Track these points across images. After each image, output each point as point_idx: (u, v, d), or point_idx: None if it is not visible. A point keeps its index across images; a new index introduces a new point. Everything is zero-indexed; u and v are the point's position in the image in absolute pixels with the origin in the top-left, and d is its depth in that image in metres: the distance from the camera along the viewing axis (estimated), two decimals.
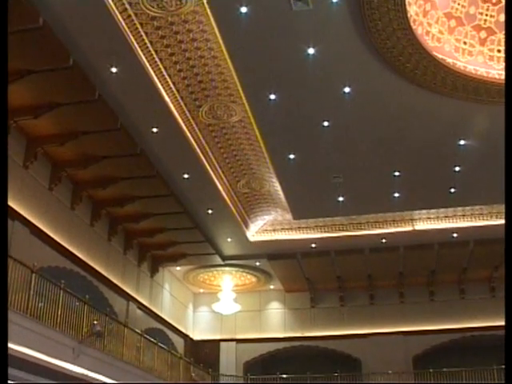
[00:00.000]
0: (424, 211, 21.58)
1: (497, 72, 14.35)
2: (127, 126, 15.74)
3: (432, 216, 21.79)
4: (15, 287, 12.30)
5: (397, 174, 18.44)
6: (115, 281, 20.55)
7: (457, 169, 18.12)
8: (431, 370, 23.39)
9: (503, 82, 14.01)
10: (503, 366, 22.04)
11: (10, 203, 14.62)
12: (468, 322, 25.01)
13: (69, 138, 15.77)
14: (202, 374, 23.13)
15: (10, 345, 11.46)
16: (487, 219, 21.58)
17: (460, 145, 16.76)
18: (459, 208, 21.32)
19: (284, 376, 24.50)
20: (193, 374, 21.58)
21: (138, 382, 17.13)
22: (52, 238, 16.67)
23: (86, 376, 14.39)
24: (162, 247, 22.81)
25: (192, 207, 20.40)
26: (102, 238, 20.07)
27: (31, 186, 15.86)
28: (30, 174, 15.87)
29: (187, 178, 18.53)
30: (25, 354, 12.05)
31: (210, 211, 20.72)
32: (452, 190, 19.37)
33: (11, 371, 11.68)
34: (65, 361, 13.59)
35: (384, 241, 22.68)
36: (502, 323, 24.30)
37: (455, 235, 22.27)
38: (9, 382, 12.02)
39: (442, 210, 21.43)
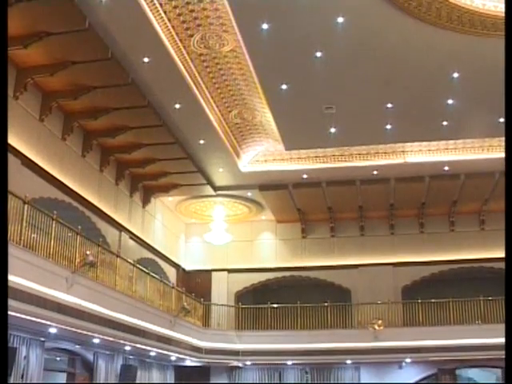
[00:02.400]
0: (416, 144, 21.57)
1: (493, 4, 14.15)
2: (118, 56, 15.51)
3: (424, 149, 21.79)
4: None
5: (389, 105, 18.35)
6: (107, 211, 20.60)
7: (449, 102, 18.02)
8: (419, 301, 23.79)
9: (499, 14, 13.87)
10: (490, 298, 22.63)
11: None
12: (457, 254, 25.32)
13: (59, 68, 15.54)
14: (194, 304, 23.42)
15: None
16: (479, 153, 21.62)
17: (453, 78, 16.63)
18: (451, 141, 21.31)
19: (275, 305, 24.84)
20: (185, 304, 21.82)
21: (130, 311, 17.38)
22: (43, 169, 16.60)
23: (80, 305, 14.57)
24: (153, 177, 22.79)
25: (184, 137, 20.32)
26: (94, 168, 20.02)
27: (22, 116, 15.72)
28: (21, 105, 15.70)
29: (179, 109, 18.37)
30: (18, 284, 12.16)
31: (201, 141, 20.65)
32: (444, 123, 19.32)
33: None
34: (58, 290, 13.73)
35: (375, 172, 22.72)
36: (490, 256, 24.87)
37: (446, 168, 22.34)
38: None
39: (434, 142, 21.42)
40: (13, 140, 15.14)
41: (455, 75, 16.54)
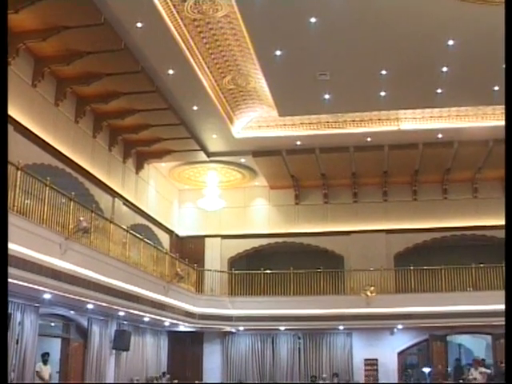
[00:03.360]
0: (410, 111, 21.50)
1: None
2: (111, 21, 15.35)
3: (417, 116, 21.75)
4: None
5: (384, 72, 18.26)
6: (101, 177, 20.54)
7: (444, 69, 17.93)
8: (412, 268, 23.90)
9: None
10: (481, 265, 22.79)
11: None
12: (449, 221, 25.41)
13: (51, 34, 15.37)
14: (187, 269, 23.52)
15: None
16: (472, 120, 21.59)
17: (448, 45, 16.53)
18: (445, 109, 21.25)
19: (268, 271, 24.95)
20: (178, 269, 21.91)
21: (124, 277, 17.45)
22: (36, 135, 16.50)
23: (73, 271, 14.61)
24: (147, 144, 22.72)
25: (177, 103, 20.22)
26: (87, 134, 19.92)
27: (14, 82, 15.55)
28: (13, 71, 15.53)
29: (172, 74, 18.26)
30: (12, 250, 12.17)
31: (195, 107, 20.56)
32: (438, 91, 19.24)
33: None
34: (52, 256, 13.75)
35: (369, 139, 22.69)
36: (483, 223, 25.01)
37: (440, 136, 22.33)
38: None
39: (428, 110, 21.37)
40: None
41: (450, 42, 16.44)
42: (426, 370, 24.62)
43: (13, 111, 15.27)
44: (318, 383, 21.60)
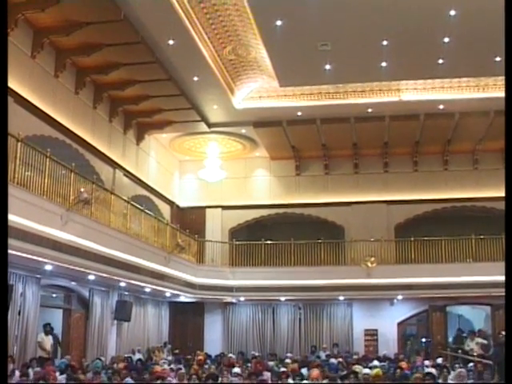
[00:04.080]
0: (411, 82, 21.38)
1: None
2: None
3: (419, 87, 21.64)
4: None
5: (385, 43, 18.11)
6: (101, 149, 20.51)
7: (446, 40, 17.79)
8: (412, 239, 23.92)
9: None
10: (481, 236, 22.83)
11: None
12: (450, 193, 25.41)
13: (50, 4, 15.25)
14: (188, 240, 23.57)
15: None
16: (474, 91, 21.49)
17: (450, 15, 16.40)
18: (446, 79, 21.14)
19: (268, 242, 25.00)
20: (179, 240, 21.96)
21: (125, 248, 17.51)
22: (36, 107, 16.45)
23: (74, 242, 14.67)
24: (147, 114, 22.66)
25: (177, 74, 20.12)
26: (87, 105, 19.87)
27: (13, 53, 15.44)
28: (12, 42, 15.43)
29: (172, 45, 18.13)
30: (13, 221, 12.21)
31: (195, 78, 20.47)
32: (440, 61, 19.10)
33: None
34: (53, 228, 13.81)
35: (370, 110, 22.62)
36: (483, 195, 25.09)
37: (441, 107, 22.23)
38: None
39: (429, 81, 21.24)
40: None
41: (452, 13, 16.30)
42: (426, 340, 24.82)
43: (12, 82, 15.22)
44: (318, 355, 21.71)
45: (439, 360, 18.64)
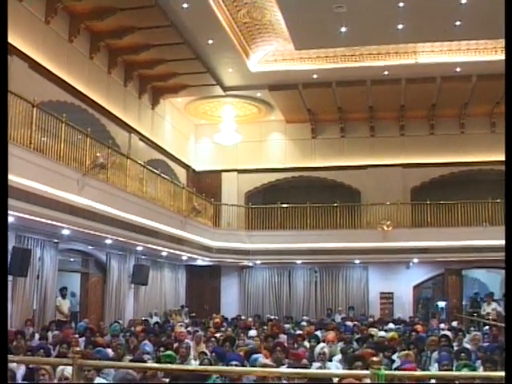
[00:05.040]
0: (427, 44, 21.15)
1: None
2: None
3: (435, 49, 21.41)
4: (17, 123, 12.37)
5: (401, 4, 17.89)
6: (117, 113, 20.52)
7: (463, 1, 17.57)
8: (428, 202, 23.84)
9: None
10: (497, 200, 22.68)
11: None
12: (467, 156, 25.23)
13: None
14: (204, 204, 23.65)
15: (15, 178, 11.70)
16: (491, 54, 21.22)
17: None
18: (463, 42, 20.90)
19: (284, 205, 25.04)
20: (195, 204, 22.02)
21: (141, 212, 17.61)
22: (51, 72, 16.46)
23: (91, 207, 14.77)
24: (162, 79, 22.58)
25: (192, 38, 20.00)
26: (102, 70, 19.84)
27: (27, 19, 15.49)
28: (25, 7, 15.44)
29: (187, 8, 18.01)
30: (30, 187, 12.32)
31: (210, 41, 20.33)
32: (457, 23, 18.86)
33: (18, 204, 12.00)
34: (70, 193, 13.92)
35: (386, 73, 22.43)
36: (500, 158, 24.86)
37: (458, 69, 21.99)
38: (16, 214, 12.39)
39: (446, 43, 20.99)
40: (19, 43, 14.99)
41: None
42: (441, 303, 24.90)
43: (26, 48, 15.24)
44: (334, 318, 21.83)
45: (454, 323, 18.69)
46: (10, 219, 12.95)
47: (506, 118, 4.35)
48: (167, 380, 7.74)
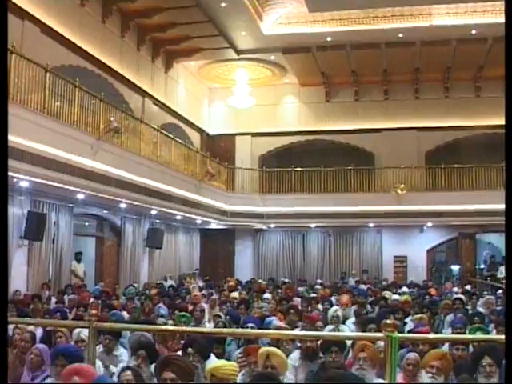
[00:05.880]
0: (443, 6, 20.87)
1: None
2: None
3: (451, 11, 21.12)
4: (30, 87, 12.37)
5: None
6: (130, 77, 20.47)
7: None
8: (443, 166, 23.72)
9: None
10: None
11: (18, 2, 14.35)
12: (481, 119, 24.93)
13: None
14: (218, 168, 23.67)
15: (30, 143, 11.75)
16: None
17: None
18: (479, 3, 20.59)
19: (298, 169, 24.99)
20: (209, 168, 22.04)
21: (155, 176, 17.65)
22: (64, 37, 16.40)
23: (105, 171, 14.82)
24: (175, 42, 22.46)
25: (205, 0, 19.83)
26: (115, 34, 19.74)
27: None
28: None
29: None
30: (45, 151, 12.36)
31: (223, 4, 20.13)
32: None
33: (33, 168, 12.07)
34: (84, 157, 13.96)
35: (401, 35, 22.17)
36: None
37: (474, 32, 21.70)
38: (31, 178, 12.47)
39: (462, 4, 20.68)
40: (31, 7, 14.94)
41: None
42: (455, 267, 24.92)
43: (38, 12, 15.20)
44: (348, 281, 21.91)
45: (468, 287, 18.73)
46: (25, 184, 13.04)
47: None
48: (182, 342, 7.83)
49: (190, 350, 6.18)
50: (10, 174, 11.69)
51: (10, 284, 13.75)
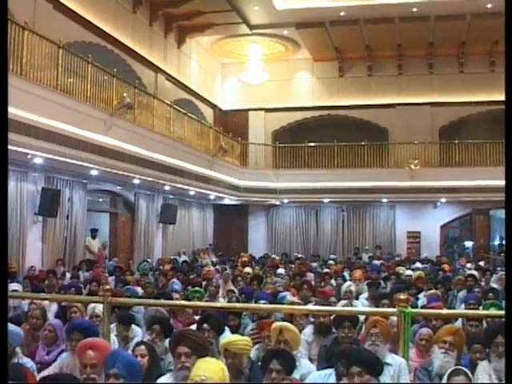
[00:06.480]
0: None
1: None
2: None
3: None
4: (43, 64, 12.38)
5: None
6: (142, 53, 20.42)
7: None
8: (456, 141, 23.58)
9: None
10: None
11: None
12: (495, 95, 24.53)
13: None
14: (232, 143, 23.65)
15: (43, 120, 11.79)
16: None
17: None
18: None
19: (311, 144, 24.93)
20: (222, 143, 22.03)
21: (169, 152, 17.68)
22: (76, 13, 16.37)
23: (119, 147, 14.85)
24: (188, 17, 22.36)
25: None
26: (127, 10, 19.67)
27: None
28: None
29: None
30: (58, 128, 12.40)
31: None
32: None
33: (47, 145, 12.11)
34: (97, 133, 14.00)
35: (415, 10, 21.94)
36: None
37: (489, 6, 21.43)
38: (45, 155, 12.51)
39: None
40: None
41: None
42: (468, 243, 24.88)
43: None
44: (361, 257, 21.92)
45: (481, 263, 18.70)
46: (39, 161, 13.09)
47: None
48: (196, 317, 7.88)
49: (205, 325, 6.21)
50: (23, 150, 11.77)
51: (24, 260, 13.88)
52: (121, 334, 6.84)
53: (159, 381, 5.06)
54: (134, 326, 7.12)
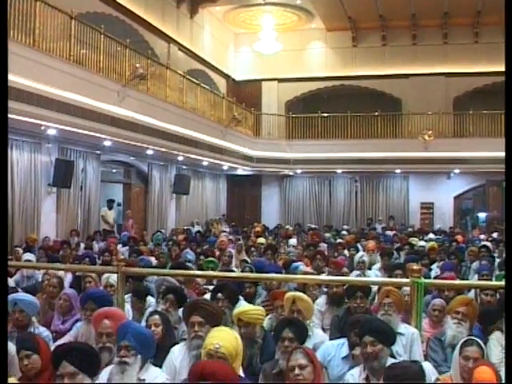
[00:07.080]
0: None
1: None
2: None
3: None
4: (55, 35, 12.37)
5: None
6: (155, 23, 20.32)
7: None
8: (471, 112, 23.45)
9: None
10: None
11: None
12: None
13: None
14: (245, 114, 23.60)
15: (56, 91, 11.81)
16: None
17: None
18: None
19: (325, 115, 24.83)
20: (235, 114, 22.01)
21: (182, 122, 17.68)
22: None
23: (132, 118, 14.87)
24: None
25: None
26: None
27: None
28: None
29: None
30: (71, 99, 12.41)
31: None
32: None
33: (60, 116, 12.14)
34: (110, 104, 14.02)
35: None
36: None
37: None
38: (59, 126, 12.54)
39: None
40: None
41: None
42: (482, 214, 24.81)
43: None
44: (374, 227, 21.91)
45: (495, 234, 18.66)
46: (53, 132, 13.13)
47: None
48: (210, 287, 7.94)
49: (219, 295, 6.26)
50: (37, 121, 11.81)
51: (39, 230, 13.98)
52: (136, 305, 6.89)
53: (173, 350, 5.11)
54: (149, 296, 7.17)
